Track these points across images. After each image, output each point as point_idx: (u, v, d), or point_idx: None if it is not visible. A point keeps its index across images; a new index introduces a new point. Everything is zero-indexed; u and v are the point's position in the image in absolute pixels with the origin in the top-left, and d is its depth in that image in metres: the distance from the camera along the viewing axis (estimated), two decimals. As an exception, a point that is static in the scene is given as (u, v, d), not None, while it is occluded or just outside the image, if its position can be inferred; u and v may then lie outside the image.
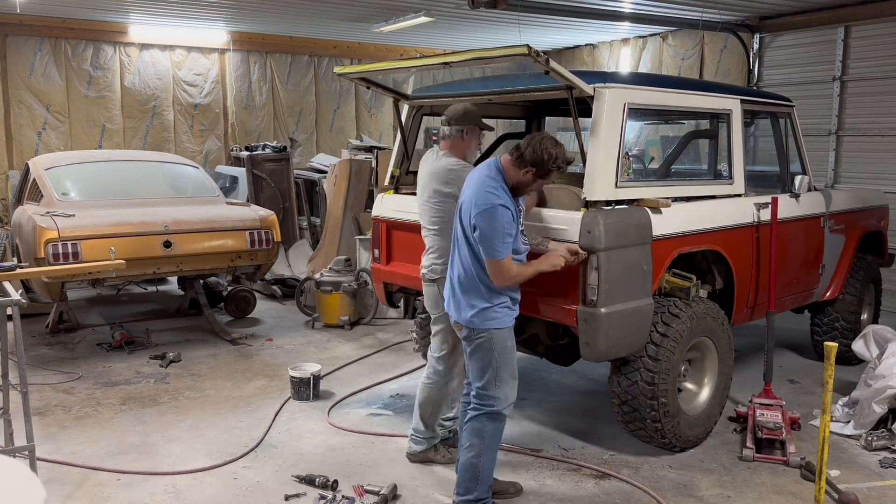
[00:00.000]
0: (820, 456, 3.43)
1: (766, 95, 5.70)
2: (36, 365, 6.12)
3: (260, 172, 9.65)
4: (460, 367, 4.24)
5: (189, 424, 4.99)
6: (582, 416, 5.17)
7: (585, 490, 4.11)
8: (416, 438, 4.41)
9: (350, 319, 7.46)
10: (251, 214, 7.13)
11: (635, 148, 7.57)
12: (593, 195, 4.06)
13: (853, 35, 8.32)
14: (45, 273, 5.19)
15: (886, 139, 8.11)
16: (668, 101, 4.62)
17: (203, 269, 6.98)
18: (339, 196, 8.53)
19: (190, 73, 11.34)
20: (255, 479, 4.21)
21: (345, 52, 12.33)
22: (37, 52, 10.25)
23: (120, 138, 10.90)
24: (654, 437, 4.40)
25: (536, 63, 3.71)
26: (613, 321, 4.03)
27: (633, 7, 8.68)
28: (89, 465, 4.35)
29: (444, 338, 4.29)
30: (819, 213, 5.66)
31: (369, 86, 5.08)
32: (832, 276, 5.97)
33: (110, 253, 5.91)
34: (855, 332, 5.87)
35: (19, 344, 3.89)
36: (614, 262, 4.03)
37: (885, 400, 4.70)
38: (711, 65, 10.01)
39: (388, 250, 5.24)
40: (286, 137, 11.77)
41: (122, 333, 6.80)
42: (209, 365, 6.26)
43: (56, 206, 6.62)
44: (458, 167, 4.11)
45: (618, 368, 4.37)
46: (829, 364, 3.37)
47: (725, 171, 5.05)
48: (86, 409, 5.26)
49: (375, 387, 5.74)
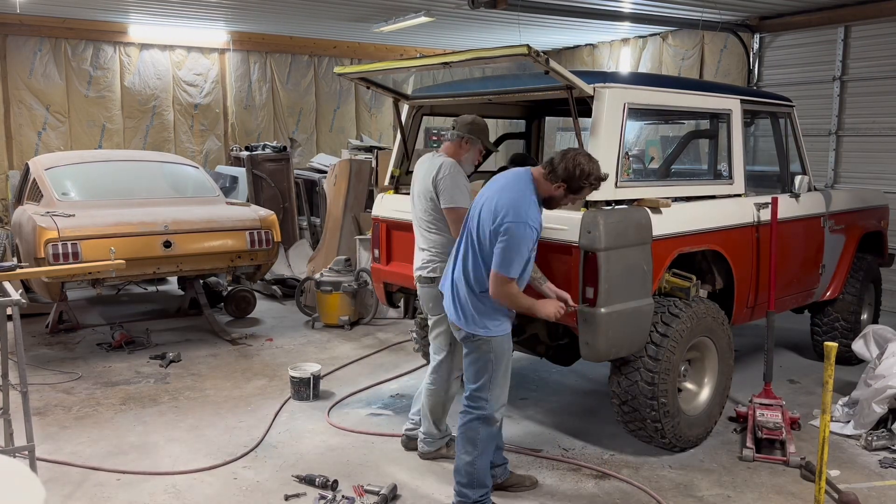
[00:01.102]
0: (820, 456, 3.43)
1: (766, 95, 5.71)
2: (36, 365, 6.12)
3: (260, 172, 9.65)
4: (459, 367, 4.25)
5: (189, 424, 4.99)
6: (582, 416, 5.17)
7: (585, 490, 4.11)
8: (428, 440, 4.43)
9: (350, 319, 7.46)
10: (251, 214, 7.13)
11: (635, 148, 7.56)
12: (593, 195, 4.05)
13: (853, 35, 8.32)
14: (45, 273, 5.19)
15: (886, 139, 8.11)
16: (668, 101, 4.62)
17: (203, 269, 6.98)
18: (339, 196, 8.53)
19: (190, 73, 11.35)
20: (255, 479, 4.21)
21: (345, 52, 12.33)
22: (37, 52, 10.25)
23: (120, 138, 10.90)
24: (654, 437, 4.40)
25: (536, 63, 3.71)
26: (613, 321, 4.04)
27: (633, 7, 8.68)
28: (89, 465, 4.35)
29: (445, 341, 4.29)
30: (819, 213, 5.66)
31: (369, 86, 5.08)
32: (832, 276, 5.97)
33: (110, 253, 5.91)
34: (855, 332, 5.87)
35: (19, 344, 3.89)
36: (614, 262, 4.03)
37: (885, 400, 4.70)
38: (711, 65, 10.01)
39: (388, 250, 5.24)
40: (286, 137, 11.78)
41: (122, 333, 6.80)
42: (209, 365, 6.26)
43: (56, 206, 6.62)
44: (452, 167, 4.17)
45: (618, 368, 4.37)
46: (829, 364, 3.36)
47: (725, 171, 5.05)
48: (86, 409, 5.26)
49: (375, 387, 5.74)
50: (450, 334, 4.16)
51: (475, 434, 3.71)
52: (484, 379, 3.68)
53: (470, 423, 3.72)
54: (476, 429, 3.71)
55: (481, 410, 3.70)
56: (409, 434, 4.59)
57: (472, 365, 3.71)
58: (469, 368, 3.74)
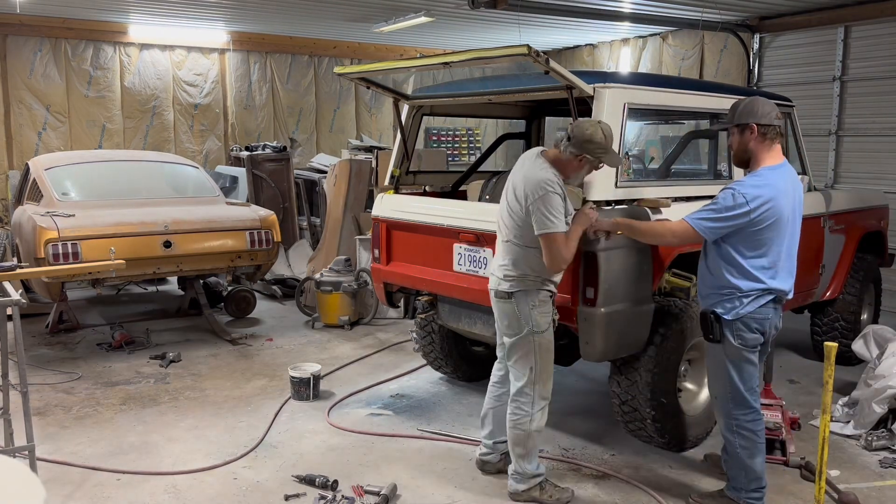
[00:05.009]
0: (820, 456, 3.43)
1: (766, 95, 5.70)
2: (36, 365, 6.12)
3: (260, 172, 9.65)
4: (544, 394, 3.88)
5: (189, 424, 4.99)
6: (582, 416, 5.17)
7: (585, 490, 4.11)
8: (517, 478, 3.96)
9: (350, 319, 7.46)
10: (251, 214, 7.13)
11: (635, 148, 7.57)
12: (593, 195, 4.06)
13: (853, 35, 8.32)
14: (45, 273, 5.19)
15: (886, 139, 8.10)
16: (668, 101, 4.62)
17: (203, 269, 6.98)
18: (339, 196, 8.53)
19: (190, 73, 11.35)
20: (255, 479, 4.21)
21: (345, 52, 12.33)
22: (37, 52, 10.25)
23: (120, 138, 10.90)
24: (654, 437, 4.40)
25: (536, 63, 3.71)
26: (613, 321, 4.04)
27: (633, 7, 8.68)
28: (89, 465, 4.35)
29: (525, 364, 3.82)
30: (819, 214, 5.66)
31: (369, 86, 5.09)
32: (832, 276, 5.97)
33: (110, 253, 5.91)
34: (855, 332, 5.87)
35: (19, 344, 3.89)
36: (614, 262, 4.03)
37: (885, 400, 4.70)
38: (711, 65, 10.01)
39: (388, 250, 5.24)
40: (286, 137, 11.78)
41: (122, 333, 6.80)
42: (209, 365, 6.26)
43: (56, 206, 6.62)
44: (551, 185, 3.64)
45: (618, 368, 4.37)
46: (829, 364, 3.37)
47: (725, 170, 5.05)
48: (86, 409, 5.26)
49: (375, 387, 5.74)
50: (531, 357, 3.79)
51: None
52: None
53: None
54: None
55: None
56: (482, 458, 4.27)
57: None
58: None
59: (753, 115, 3.67)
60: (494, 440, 4.21)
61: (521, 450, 3.90)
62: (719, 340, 3.69)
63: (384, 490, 3.95)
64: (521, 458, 3.91)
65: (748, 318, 3.64)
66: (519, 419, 3.86)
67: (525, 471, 3.92)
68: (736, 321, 3.64)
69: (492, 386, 4.22)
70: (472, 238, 4.59)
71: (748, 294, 3.63)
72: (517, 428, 3.87)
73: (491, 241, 4.43)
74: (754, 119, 3.66)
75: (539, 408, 3.85)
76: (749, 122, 3.66)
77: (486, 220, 4.47)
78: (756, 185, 3.58)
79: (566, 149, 3.70)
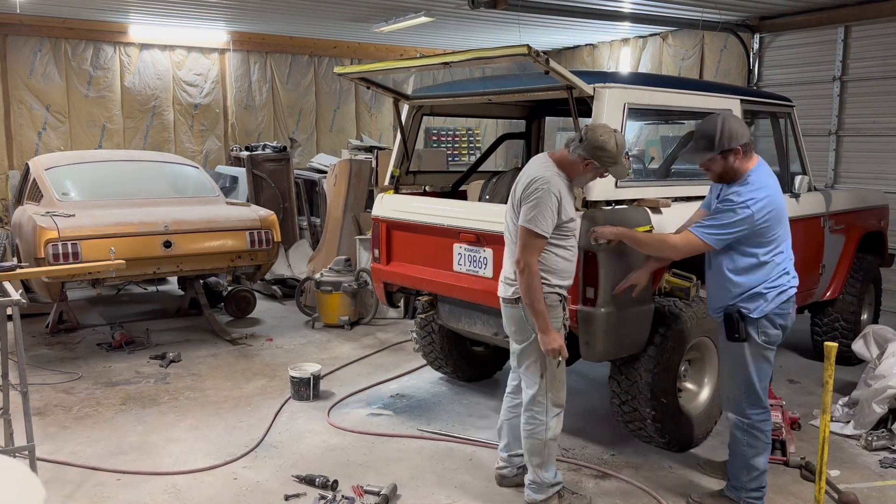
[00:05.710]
0: (820, 456, 3.43)
1: (766, 95, 5.71)
2: (36, 365, 6.12)
3: (260, 172, 9.65)
4: (558, 402, 3.80)
5: (189, 424, 4.99)
6: (582, 416, 5.17)
7: (585, 490, 4.11)
8: (534, 487, 3.86)
9: (350, 319, 7.46)
10: (251, 214, 7.13)
11: (635, 148, 7.57)
12: (593, 195, 4.06)
13: (853, 35, 8.32)
14: (45, 273, 5.19)
15: (886, 139, 8.11)
16: (668, 101, 4.62)
17: (203, 269, 6.98)
18: (339, 196, 8.53)
19: (190, 73, 11.35)
20: (255, 479, 4.21)
21: (345, 52, 12.33)
22: (37, 52, 10.25)
23: (120, 138, 10.90)
24: (654, 437, 4.40)
25: (536, 63, 3.71)
26: (613, 321, 4.03)
27: (633, 7, 8.68)
28: (89, 465, 4.35)
29: (537, 371, 3.72)
30: (819, 214, 5.66)
31: (369, 86, 5.09)
32: (832, 276, 5.96)
33: (110, 253, 5.91)
34: (855, 332, 5.87)
35: (19, 344, 3.89)
36: (614, 263, 4.03)
37: (885, 400, 4.70)
38: (711, 65, 10.01)
39: (388, 250, 5.24)
40: (286, 137, 11.78)
41: (122, 333, 6.80)
42: (209, 365, 6.26)
43: (56, 206, 6.62)
44: (546, 182, 3.56)
45: (618, 368, 4.37)
46: (829, 364, 3.36)
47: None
48: (86, 409, 5.26)
49: (375, 387, 5.74)
50: (542, 364, 3.69)
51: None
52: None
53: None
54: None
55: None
56: (499, 472, 4.16)
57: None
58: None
59: (736, 139, 3.64)
60: (510, 453, 4.12)
61: (537, 459, 3.80)
62: (745, 339, 3.71)
63: (384, 490, 3.95)
64: (538, 467, 3.82)
65: (773, 315, 3.68)
66: (534, 429, 3.76)
67: (543, 480, 3.82)
68: (761, 318, 3.67)
69: (506, 396, 4.12)
70: (472, 238, 4.59)
71: (773, 288, 3.67)
72: (532, 437, 3.78)
73: (491, 241, 4.43)
74: (738, 142, 3.64)
75: (553, 415, 3.75)
76: (735, 147, 3.64)
77: (486, 220, 4.47)
78: (750, 190, 3.62)
79: (575, 150, 3.61)
